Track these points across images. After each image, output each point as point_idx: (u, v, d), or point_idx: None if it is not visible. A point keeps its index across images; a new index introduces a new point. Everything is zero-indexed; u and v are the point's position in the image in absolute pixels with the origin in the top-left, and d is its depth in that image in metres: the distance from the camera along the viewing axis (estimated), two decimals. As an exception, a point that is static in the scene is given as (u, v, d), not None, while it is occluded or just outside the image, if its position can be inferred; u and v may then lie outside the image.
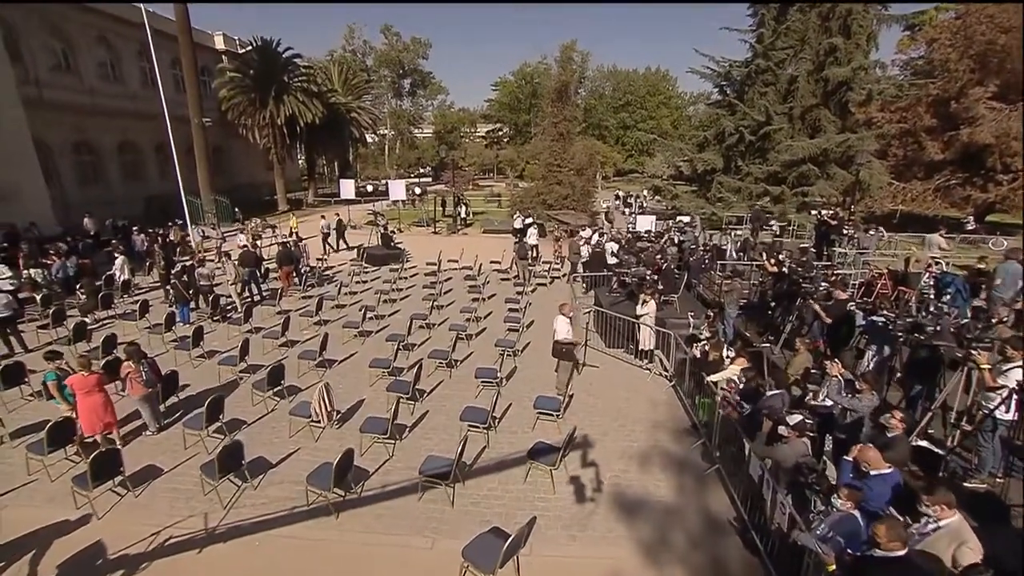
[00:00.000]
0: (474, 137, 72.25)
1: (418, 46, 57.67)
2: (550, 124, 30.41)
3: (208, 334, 11.48)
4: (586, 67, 63.90)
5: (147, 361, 7.27)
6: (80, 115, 26.56)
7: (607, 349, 11.24)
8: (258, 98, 30.93)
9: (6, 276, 12.71)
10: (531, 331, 12.37)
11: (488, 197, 42.44)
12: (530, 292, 16.13)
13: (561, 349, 8.85)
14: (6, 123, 19.79)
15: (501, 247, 19.98)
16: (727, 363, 7.76)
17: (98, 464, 5.69)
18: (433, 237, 25.86)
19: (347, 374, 9.88)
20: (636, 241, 17.41)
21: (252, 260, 14.03)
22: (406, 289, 16.29)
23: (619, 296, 12.33)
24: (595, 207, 31.33)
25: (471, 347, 11.40)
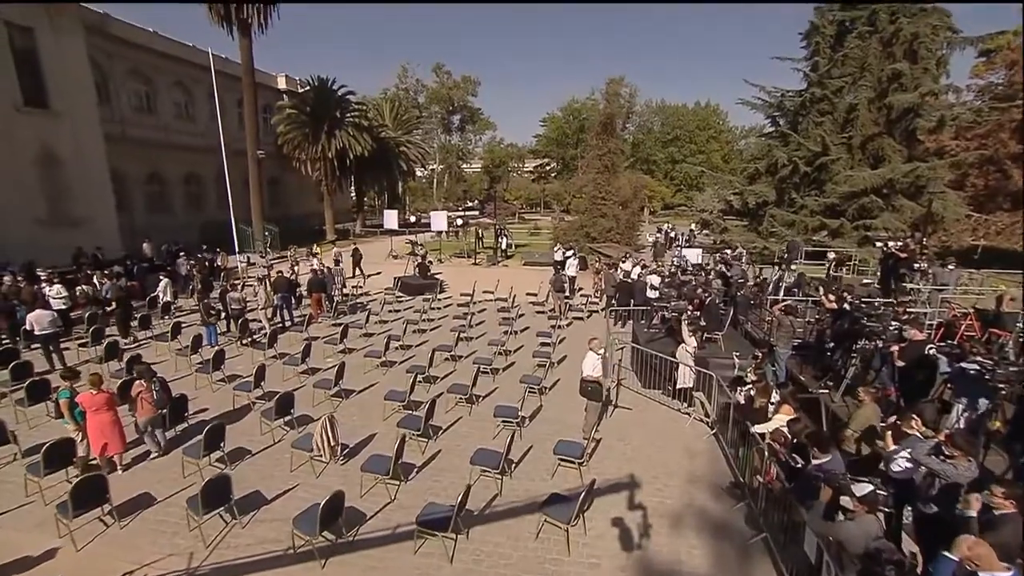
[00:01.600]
0: (522, 172, 73.22)
1: (468, 84, 59.53)
2: (595, 156, 30.12)
3: (234, 358, 11.46)
4: (634, 102, 64.14)
5: (158, 380, 7.08)
6: (155, 150, 28.66)
7: (643, 389, 10.31)
8: (311, 133, 32.42)
9: (62, 296, 13.27)
10: (562, 367, 11.62)
11: (531, 230, 42.39)
12: (565, 326, 15.42)
13: (588, 388, 8.07)
14: (89, 159, 21.44)
15: (539, 279, 19.44)
16: (772, 411, 6.74)
17: (80, 492, 5.39)
18: (473, 268, 25.69)
19: (363, 406, 9.44)
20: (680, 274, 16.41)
21: (285, 285, 14.10)
22: (437, 320, 15.94)
23: (658, 332, 11.42)
24: (640, 241, 30.46)
25: (496, 382, 10.76)
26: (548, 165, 68.73)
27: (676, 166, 62.24)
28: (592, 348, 8.18)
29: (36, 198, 19.58)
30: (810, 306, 11.60)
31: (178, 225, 29.10)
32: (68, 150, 20.59)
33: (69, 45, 20.83)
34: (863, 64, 21.58)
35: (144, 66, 28.07)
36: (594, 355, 8.09)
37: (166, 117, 29.65)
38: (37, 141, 19.54)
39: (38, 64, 19.81)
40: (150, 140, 28.32)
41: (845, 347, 8.30)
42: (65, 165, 20.53)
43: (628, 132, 67.20)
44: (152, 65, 28.38)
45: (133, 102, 28.00)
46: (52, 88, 20.17)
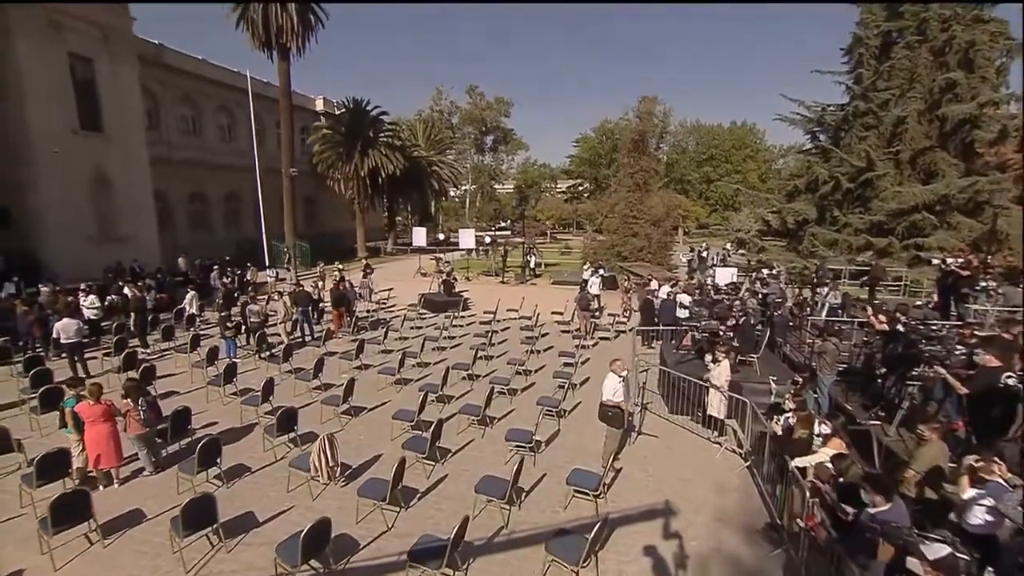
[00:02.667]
0: (554, 192, 73.23)
1: (501, 105, 60.25)
2: (626, 175, 29.63)
3: (249, 372, 11.33)
4: (668, 122, 63.40)
5: (146, 400, 6.90)
6: (198, 170, 29.86)
7: (670, 415, 9.55)
8: (345, 152, 33.16)
9: (95, 306, 13.60)
10: (584, 389, 10.99)
11: (562, 249, 41.96)
12: (591, 346, 14.78)
13: (608, 413, 7.44)
14: (136, 180, 22.44)
15: (566, 298, 18.87)
16: (817, 443, 5.95)
17: (61, 508, 5.15)
18: (500, 286, 25.38)
19: (371, 424, 9.06)
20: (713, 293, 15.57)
21: (305, 299, 14.05)
22: (459, 337, 15.57)
23: (687, 353, 10.66)
24: (673, 260, 29.56)
25: (513, 403, 10.21)
26: (581, 185, 68.51)
27: (711, 186, 60.98)
28: (613, 370, 7.57)
29: (87, 216, 20.49)
30: (856, 328, 10.63)
31: (217, 242, 30.00)
32: (117, 171, 21.55)
33: (124, 74, 22.01)
34: (912, 75, 20.38)
35: (192, 92, 29.51)
36: (615, 377, 7.48)
37: (210, 139, 30.96)
38: (90, 163, 20.54)
39: (95, 91, 20.96)
40: (194, 161, 29.53)
41: (899, 374, 7.40)
42: (114, 185, 21.48)
43: (662, 152, 66.40)
44: (199, 91, 29.80)
45: (180, 126, 29.38)
46: (106, 113, 21.27)
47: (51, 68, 19.24)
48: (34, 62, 18.68)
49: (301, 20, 26.34)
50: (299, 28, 26.39)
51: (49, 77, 19.16)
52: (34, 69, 18.68)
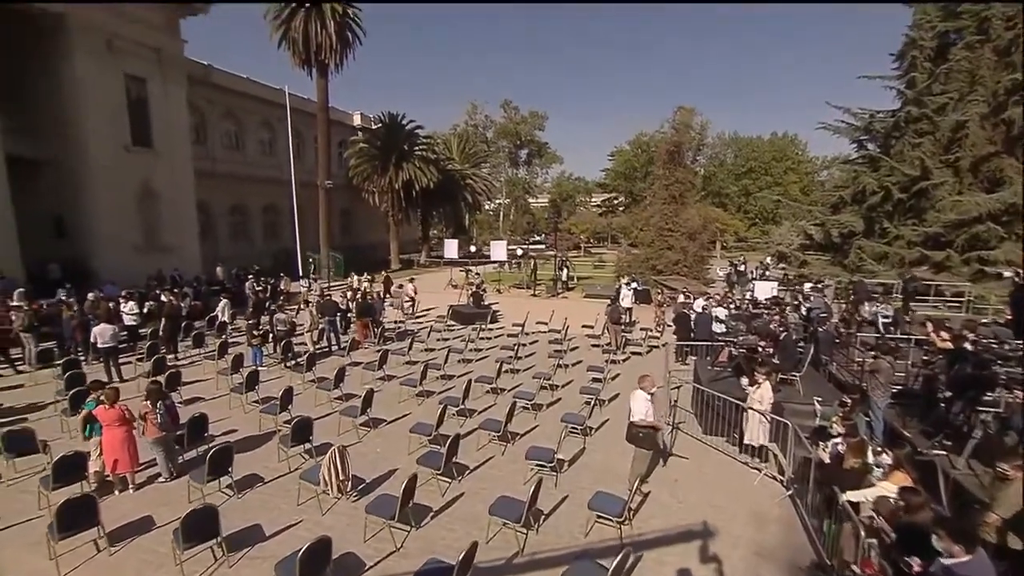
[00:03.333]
0: (589, 206, 72.72)
1: (535, 118, 60.52)
2: (661, 187, 28.97)
3: (273, 380, 11.32)
4: (706, 134, 62.13)
5: (165, 403, 6.84)
6: (239, 183, 31.00)
7: (703, 436, 8.92)
8: (380, 165, 33.79)
9: (134, 312, 14.02)
10: (612, 407, 10.48)
11: (596, 263, 41.43)
12: (621, 361, 14.20)
13: (637, 433, 6.94)
14: (180, 192, 23.41)
15: (597, 311, 18.35)
16: (876, 475, 5.28)
17: (67, 513, 5.06)
18: (531, 300, 25.09)
19: (389, 437, 8.80)
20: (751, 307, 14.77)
21: (332, 309, 14.06)
22: (486, 350, 15.28)
23: (724, 370, 10.00)
24: (710, 275, 28.56)
25: (537, 419, 9.79)
26: (616, 199, 67.82)
27: (750, 199, 59.20)
28: (642, 387, 7.08)
29: (135, 227, 21.45)
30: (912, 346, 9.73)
31: (256, 252, 30.92)
32: (164, 184, 22.52)
33: (174, 93, 23.10)
34: (973, 77, 19.08)
35: (236, 109, 30.77)
36: (643, 395, 6.99)
37: (251, 153, 32.13)
38: (140, 177, 21.52)
39: (147, 110, 22.04)
40: (236, 175, 30.66)
41: (969, 398, 6.61)
42: (160, 198, 22.43)
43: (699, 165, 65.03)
44: (243, 107, 31.04)
45: (224, 141, 30.65)
46: (156, 130, 22.31)
47: (108, 88, 20.33)
48: (93, 82, 19.76)
49: (339, 38, 27.10)
50: (337, 46, 27.16)
51: (106, 96, 20.24)
52: (93, 89, 19.76)
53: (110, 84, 20.42)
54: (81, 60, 19.36)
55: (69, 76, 19.41)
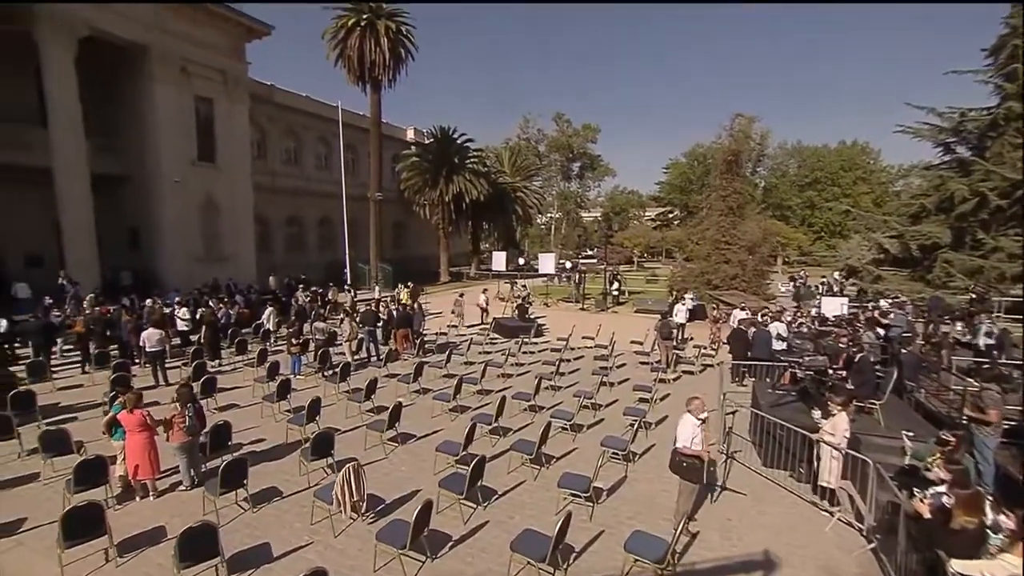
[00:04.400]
0: (642, 219, 71.10)
1: (588, 131, 59.87)
2: (718, 197, 27.61)
3: (309, 390, 11.21)
4: (767, 144, 59.37)
5: (194, 406, 6.70)
6: (297, 197, 32.23)
7: (763, 468, 7.90)
8: (431, 178, 34.18)
9: (186, 318, 14.50)
10: (659, 430, 9.62)
11: (648, 277, 40.08)
12: (672, 380, 13.22)
13: (681, 463, 6.13)
14: (239, 205, 24.52)
15: (647, 326, 17.40)
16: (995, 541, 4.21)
17: (72, 521, 4.90)
18: (579, 314, 24.37)
19: (416, 455, 8.35)
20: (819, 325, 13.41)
21: (372, 319, 13.95)
22: (528, 365, 14.68)
23: (787, 394, 8.91)
24: (771, 289, 26.75)
25: (576, 442, 9.08)
26: (671, 212, 65.88)
27: (815, 211, 55.69)
28: (691, 411, 6.26)
29: (197, 238, 22.58)
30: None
31: (311, 263, 31.87)
32: (224, 197, 23.66)
33: (237, 111, 24.35)
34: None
35: (295, 125, 32.13)
36: (691, 420, 6.17)
37: (308, 168, 33.38)
38: (203, 190, 22.70)
39: (212, 127, 23.30)
40: (293, 188, 31.93)
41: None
42: (221, 210, 23.55)
43: (759, 176, 62.12)
44: (301, 124, 32.37)
45: (283, 156, 32.03)
46: (220, 146, 23.55)
47: (180, 109, 21.70)
48: (168, 104, 21.15)
49: (392, 54, 27.76)
50: (390, 62, 27.82)
51: (178, 117, 21.60)
52: (167, 110, 21.14)
53: (182, 105, 21.77)
54: (159, 85, 20.77)
55: (148, 99, 20.84)
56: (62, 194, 18.22)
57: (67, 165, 18.20)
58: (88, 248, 18.84)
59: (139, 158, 21.40)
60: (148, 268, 21.58)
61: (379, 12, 27.47)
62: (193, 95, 22.33)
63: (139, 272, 21.27)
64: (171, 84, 21.16)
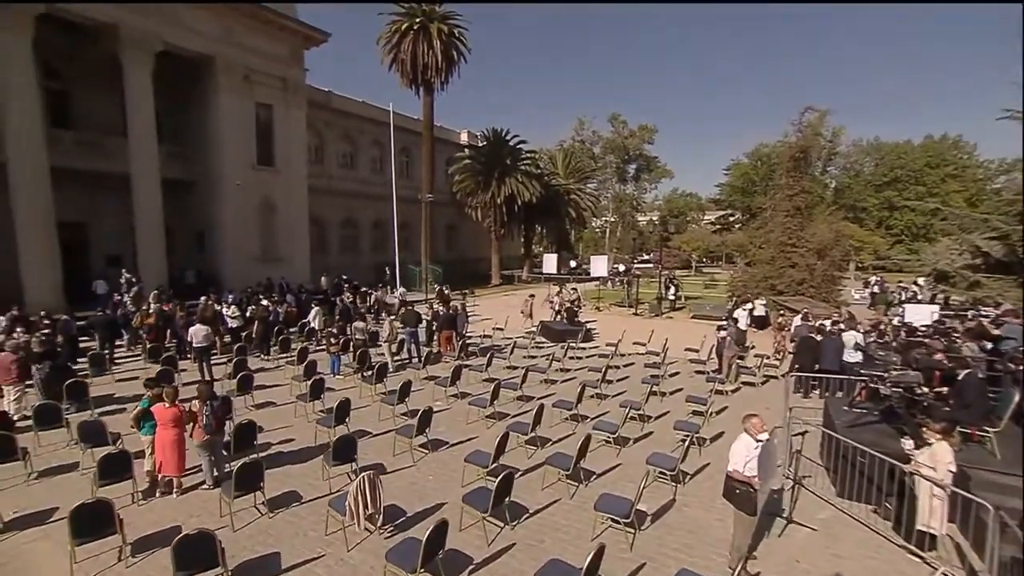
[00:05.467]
0: (702, 223, 68.29)
1: (644, 131, 58.10)
2: (784, 197, 25.68)
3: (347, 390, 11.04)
4: (839, 141, 55.26)
5: (212, 404, 6.54)
6: (352, 199, 32.99)
7: (838, 499, 6.82)
8: (483, 180, 34.07)
9: (236, 315, 14.88)
10: (714, 448, 8.67)
11: (707, 282, 38.20)
12: (730, 392, 12.10)
13: (733, 489, 5.29)
14: (295, 207, 25.28)
15: (704, 333, 16.23)
16: None
17: (81, 518, 4.75)
18: (632, 319, 23.37)
19: (447, 464, 7.86)
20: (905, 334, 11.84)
21: (414, 320, 13.71)
22: (574, 371, 13.97)
23: (867, 413, 7.72)
24: (843, 296, 24.51)
25: (620, 457, 8.30)
26: (731, 215, 62.78)
27: (895, 213, 51.11)
28: (747, 429, 5.40)
29: (254, 238, 23.42)
30: None
31: (364, 265, 32.48)
32: (281, 200, 24.44)
33: (294, 116, 25.14)
34: None
35: (351, 129, 32.93)
36: (748, 440, 5.31)
37: (363, 171, 34.11)
38: (261, 193, 23.54)
39: (271, 132, 24.15)
40: (348, 191, 32.69)
41: None
42: (277, 212, 24.34)
43: (829, 176, 57.90)
44: (357, 128, 33.12)
45: (340, 160, 32.89)
46: (278, 150, 24.36)
47: (242, 115, 22.62)
48: (231, 111, 22.10)
49: (445, 57, 27.85)
50: (443, 64, 27.93)
51: (241, 123, 22.53)
52: (231, 117, 22.09)
53: (244, 112, 22.70)
54: (224, 93, 21.77)
55: (214, 107, 21.88)
56: (137, 198, 19.37)
57: (142, 171, 19.35)
58: (158, 248, 19.91)
59: (205, 163, 22.50)
60: (211, 268, 22.60)
61: (432, 15, 27.66)
62: (254, 102, 23.23)
63: (203, 272, 22.30)
64: (234, 92, 22.11)
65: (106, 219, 20.66)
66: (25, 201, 16.65)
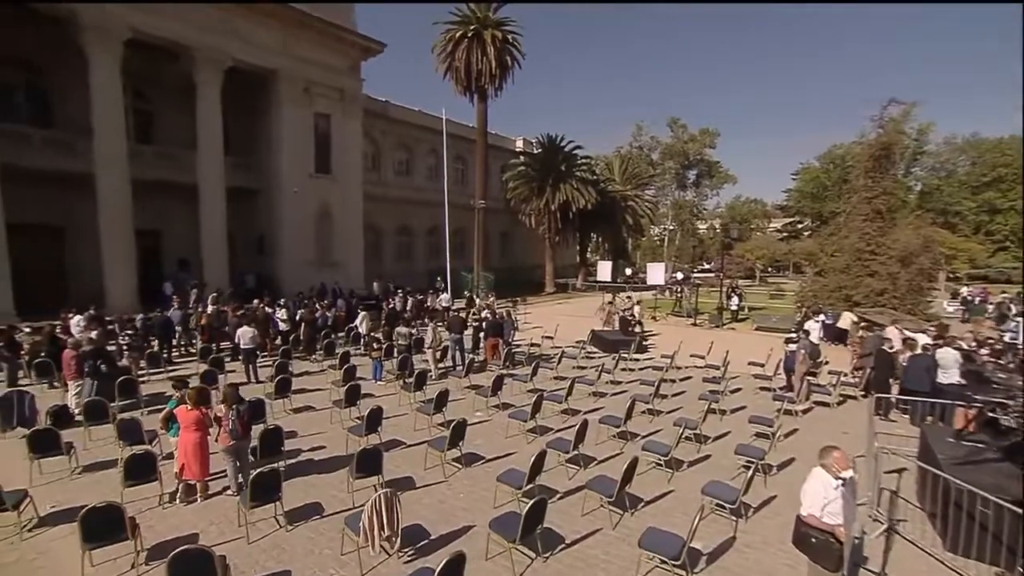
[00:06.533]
0: (766, 230, 64.58)
1: (705, 136, 55.73)
2: (862, 200, 23.49)
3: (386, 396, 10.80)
4: (926, 140, 50.43)
5: (238, 408, 6.34)
6: (407, 206, 33.50)
7: (945, 554, 5.64)
8: (537, 186, 33.65)
9: (284, 319, 15.13)
10: (782, 477, 7.62)
11: (772, 292, 35.79)
12: (801, 413, 10.82)
13: (808, 536, 4.38)
14: (350, 214, 25.90)
15: (769, 346, 14.89)
16: None
17: (90, 522, 4.58)
18: (691, 329, 22.09)
19: (481, 481, 7.28)
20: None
21: (459, 326, 13.33)
22: (625, 383, 13.09)
23: (985, 448, 6.44)
24: (932, 309, 21.97)
25: (672, 483, 7.42)
26: (800, 222, 58.86)
27: (997, 216, 45.88)
28: (827, 465, 4.46)
29: (311, 244, 24.12)
30: None
31: (418, 271, 32.83)
32: (337, 207, 25.09)
33: (351, 125, 25.81)
34: None
35: (407, 138, 33.55)
36: (828, 479, 4.36)
37: (418, 179, 34.62)
38: (318, 200, 24.24)
39: (328, 141, 24.88)
40: (404, 199, 33.23)
41: None
42: (334, 219, 24.98)
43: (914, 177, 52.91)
44: (413, 137, 33.71)
45: (396, 168, 33.57)
46: (335, 158, 25.06)
47: (302, 125, 23.48)
48: (292, 122, 22.99)
49: (499, 63, 27.74)
50: (496, 71, 27.82)
51: (300, 133, 23.39)
52: (291, 127, 22.98)
53: (303, 122, 23.55)
54: (285, 105, 22.67)
55: (275, 118, 22.84)
56: (203, 206, 20.46)
57: (209, 181, 20.48)
58: (220, 253, 20.88)
59: (266, 171, 23.49)
60: (270, 272, 23.44)
61: (486, 21, 27.65)
62: (313, 112, 24.01)
63: (262, 276, 23.15)
64: (295, 103, 22.95)
65: (177, 225, 21.88)
66: (109, 211, 17.93)
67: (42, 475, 7.02)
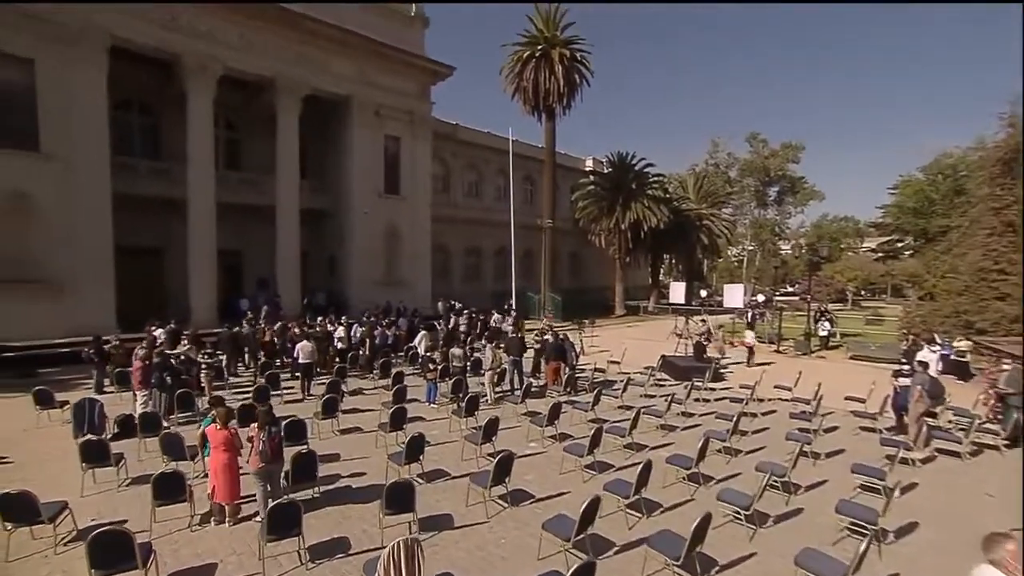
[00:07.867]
0: (859, 250, 58.83)
1: (788, 150, 52.08)
2: (986, 211, 20.46)
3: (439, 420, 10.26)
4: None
5: (271, 430, 5.99)
6: (476, 227, 33.62)
7: None
8: (607, 206, 32.67)
9: (341, 336, 15.20)
10: (900, 549, 6.17)
11: (868, 317, 32.12)
12: (919, 463, 8.99)
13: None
14: (418, 234, 26.34)
15: (869, 380, 12.87)
16: None
17: (97, 546, 4.29)
18: (774, 356, 20.00)
19: (529, 524, 6.42)
20: None
21: (517, 348, 12.64)
22: (699, 416, 11.73)
23: None
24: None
25: (753, 543, 6.16)
26: (900, 241, 52.86)
27: None
28: (996, 562, 3.22)
29: (379, 263, 24.64)
30: None
31: (486, 292, 32.66)
32: (405, 227, 25.55)
33: (420, 147, 26.38)
34: None
35: (476, 159, 33.88)
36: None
37: (487, 200, 34.73)
38: (386, 220, 24.81)
39: (398, 162, 25.53)
40: (474, 219, 33.39)
41: None
42: (401, 238, 25.42)
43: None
44: (482, 158, 33.98)
45: (465, 189, 33.92)
46: (404, 180, 25.64)
47: (373, 148, 24.25)
48: (363, 145, 23.82)
49: (566, 81, 27.37)
50: (564, 89, 27.46)
51: (371, 155, 24.15)
52: (362, 151, 23.81)
53: (374, 144, 24.34)
54: (357, 129, 23.58)
55: (348, 142, 23.79)
56: (279, 227, 21.50)
57: (285, 203, 21.58)
58: (294, 272, 21.79)
59: (337, 193, 24.44)
60: (340, 290, 24.13)
61: (554, 41, 27.48)
62: (383, 134, 24.76)
63: (332, 294, 23.86)
64: (366, 127, 23.80)
65: (256, 246, 23.09)
66: (198, 233, 19.24)
67: (95, 484, 7.09)
